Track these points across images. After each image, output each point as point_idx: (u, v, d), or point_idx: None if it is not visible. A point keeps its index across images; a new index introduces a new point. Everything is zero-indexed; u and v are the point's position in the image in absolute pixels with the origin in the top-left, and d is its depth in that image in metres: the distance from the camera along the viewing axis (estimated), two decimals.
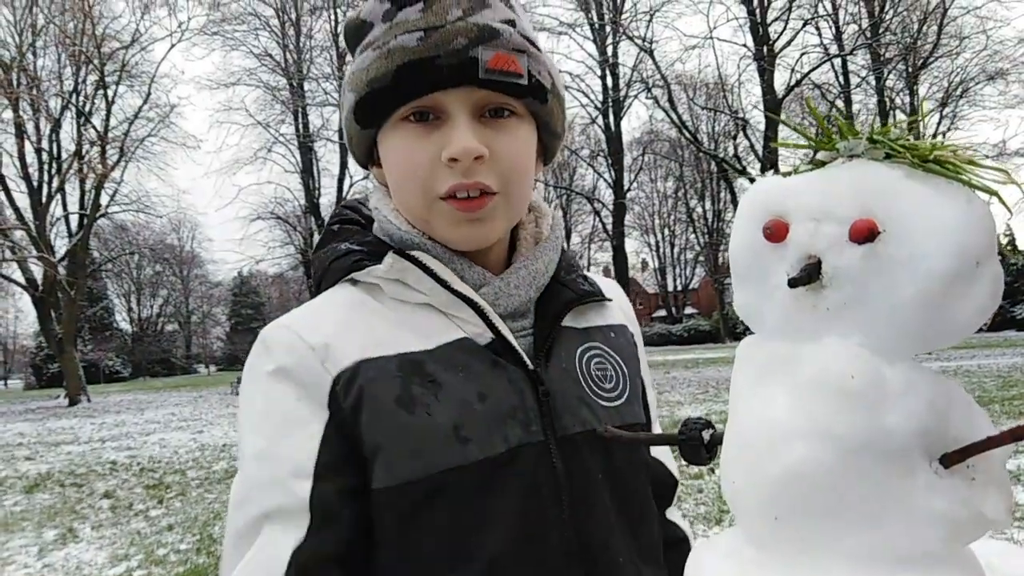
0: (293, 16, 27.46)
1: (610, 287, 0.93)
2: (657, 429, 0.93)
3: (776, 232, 0.46)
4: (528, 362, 0.76)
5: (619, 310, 0.92)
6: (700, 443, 0.55)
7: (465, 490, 0.70)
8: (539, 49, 0.78)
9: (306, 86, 26.88)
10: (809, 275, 0.43)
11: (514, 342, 0.77)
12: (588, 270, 1.00)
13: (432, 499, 0.70)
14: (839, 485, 0.41)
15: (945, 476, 0.41)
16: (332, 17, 26.94)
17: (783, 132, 20.58)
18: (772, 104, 19.52)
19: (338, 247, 0.82)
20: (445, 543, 0.70)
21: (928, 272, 0.41)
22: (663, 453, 0.93)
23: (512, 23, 0.76)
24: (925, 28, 22.44)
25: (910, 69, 23.19)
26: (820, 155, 0.48)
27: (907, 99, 23.52)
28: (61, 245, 25.50)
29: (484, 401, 0.73)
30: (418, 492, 0.70)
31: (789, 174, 0.49)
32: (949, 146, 0.45)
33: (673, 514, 0.95)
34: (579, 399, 0.77)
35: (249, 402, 0.75)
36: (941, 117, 23.56)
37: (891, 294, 0.42)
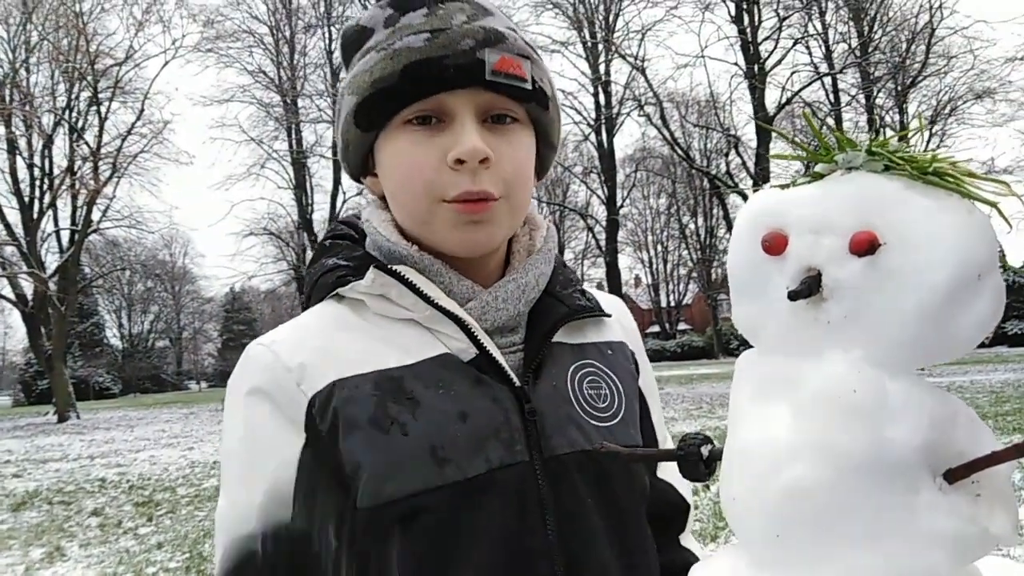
0: (287, 34, 27.54)
1: (611, 303, 0.91)
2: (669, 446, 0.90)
3: (775, 245, 0.45)
4: (515, 379, 0.74)
5: (618, 326, 0.89)
6: (699, 458, 0.54)
7: (443, 512, 0.69)
8: (539, 57, 0.79)
9: (300, 103, 26.88)
10: (809, 288, 0.43)
11: (500, 358, 0.75)
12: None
13: (410, 520, 0.69)
14: (842, 502, 0.40)
15: (949, 492, 0.40)
16: (326, 35, 27.03)
17: (778, 147, 20.72)
18: (763, 122, 19.66)
19: (326, 263, 0.81)
20: (424, 565, 0.69)
21: (930, 284, 0.40)
22: (674, 475, 0.90)
23: (514, 31, 0.77)
24: (913, 48, 22.64)
25: (899, 88, 23.40)
26: (818, 168, 0.48)
27: (897, 117, 23.70)
28: (52, 261, 25.43)
29: (465, 420, 0.71)
30: (394, 513, 0.69)
31: (787, 186, 0.49)
32: (948, 158, 0.45)
33: (687, 540, 0.91)
34: (568, 418, 0.75)
35: (231, 423, 0.75)
36: (930, 135, 23.74)
37: (892, 307, 0.41)
